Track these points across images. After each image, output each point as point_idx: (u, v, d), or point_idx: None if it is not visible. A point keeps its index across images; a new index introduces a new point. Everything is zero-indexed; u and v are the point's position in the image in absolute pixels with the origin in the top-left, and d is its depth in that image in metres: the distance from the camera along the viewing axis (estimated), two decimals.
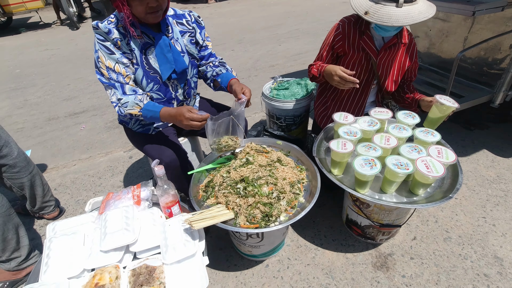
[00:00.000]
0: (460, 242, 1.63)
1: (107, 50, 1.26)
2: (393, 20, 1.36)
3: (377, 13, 1.39)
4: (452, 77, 1.93)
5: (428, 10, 1.38)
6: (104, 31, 1.24)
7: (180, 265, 1.11)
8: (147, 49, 1.33)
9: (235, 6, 8.04)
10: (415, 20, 1.36)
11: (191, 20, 1.46)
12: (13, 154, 1.62)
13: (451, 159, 1.26)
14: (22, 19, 8.07)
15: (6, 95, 3.90)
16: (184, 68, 1.43)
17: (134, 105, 1.29)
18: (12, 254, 1.47)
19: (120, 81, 1.29)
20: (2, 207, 1.40)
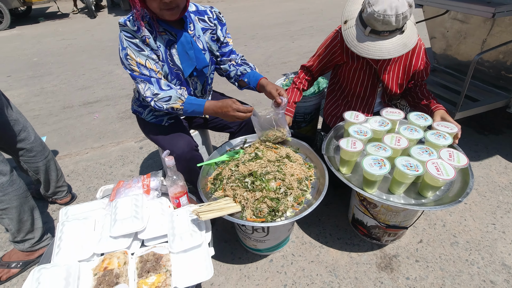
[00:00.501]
0: (468, 248, 1.61)
1: (136, 47, 1.25)
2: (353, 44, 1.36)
3: (349, 30, 1.40)
4: (467, 80, 1.89)
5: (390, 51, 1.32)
6: (133, 29, 1.22)
7: (186, 254, 1.13)
8: (170, 46, 1.33)
9: (249, 2, 8.02)
10: (369, 55, 1.34)
11: (212, 17, 1.45)
12: (30, 139, 1.67)
13: (462, 162, 1.24)
14: (41, 9, 8.24)
15: (24, 83, 4.01)
16: (205, 65, 1.44)
17: (177, 99, 1.31)
18: (26, 235, 1.53)
19: (153, 76, 1.29)
20: (19, 189, 1.45)
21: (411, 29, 1.36)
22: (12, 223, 1.46)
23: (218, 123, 1.67)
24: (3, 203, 1.40)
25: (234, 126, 1.65)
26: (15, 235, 1.50)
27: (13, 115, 1.58)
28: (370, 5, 1.26)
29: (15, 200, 1.43)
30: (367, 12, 1.28)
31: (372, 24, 1.29)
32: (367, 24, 1.32)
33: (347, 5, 1.46)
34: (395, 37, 1.33)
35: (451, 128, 1.42)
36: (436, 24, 2.60)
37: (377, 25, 1.28)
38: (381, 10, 1.22)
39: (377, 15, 1.24)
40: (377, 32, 1.31)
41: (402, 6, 1.22)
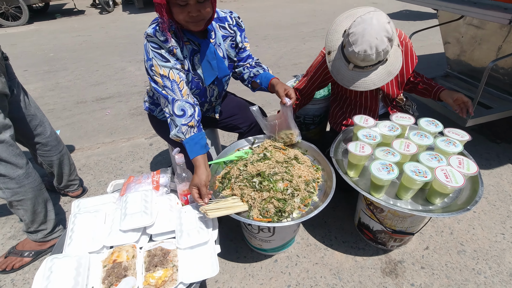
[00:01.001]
0: (475, 257, 1.59)
1: (161, 58, 1.24)
2: (338, 78, 1.39)
3: (333, 62, 1.41)
4: (481, 87, 1.86)
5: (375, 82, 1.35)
6: (161, 39, 1.22)
7: (193, 250, 1.15)
8: (194, 55, 1.34)
9: (262, 2, 8.03)
10: (355, 88, 1.36)
11: (232, 24, 1.44)
12: (47, 133, 1.73)
13: (472, 170, 1.23)
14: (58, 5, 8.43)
15: (40, 77, 4.11)
16: (226, 74, 1.46)
17: (177, 135, 1.29)
18: (39, 226, 1.58)
19: (174, 89, 1.27)
20: (34, 182, 1.50)
21: (395, 54, 1.36)
22: (27, 214, 1.51)
23: (228, 123, 1.69)
24: (19, 194, 1.45)
25: (244, 127, 1.67)
26: (29, 226, 1.55)
27: (31, 110, 1.64)
28: (350, 45, 1.27)
29: (30, 192, 1.47)
30: (348, 51, 1.29)
31: (354, 62, 1.32)
32: (349, 61, 1.33)
33: (329, 34, 1.46)
34: (378, 68, 1.35)
35: (462, 135, 1.41)
36: (450, 29, 2.57)
37: (359, 62, 1.30)
38: (361, 51, 1.24)
39: (358, 55, 1.26)
40: (361, 67, 1.33)
41: (382, 43, 1.22)
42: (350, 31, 1.27)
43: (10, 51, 4.88)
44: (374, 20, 1.22)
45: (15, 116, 1.55)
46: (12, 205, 1.48)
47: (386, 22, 1.23)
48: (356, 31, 1.25)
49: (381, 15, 1.25)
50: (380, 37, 1.22)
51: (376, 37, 1.21)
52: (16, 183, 1.42)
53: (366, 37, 1.22)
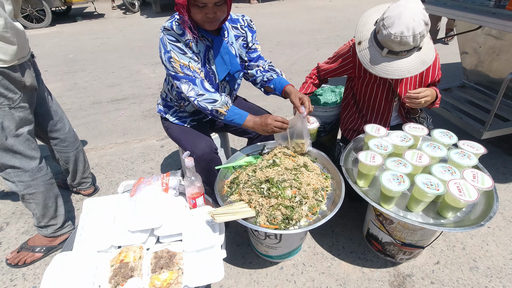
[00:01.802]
0: (488, 274, 1.54)
1: (180, 50, 1.30)
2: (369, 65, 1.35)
3: (364, 51, 1.38)
4: (499, 98, 1.81)
5: (410, 69, 1.31)
6: (178, 33, 1.28)
7: (199, 254, 1.16)
8: (208, 51, 1.40)
9: (277, 8, 8.09)
10: (387, 75, 1.33)
11: (244, 25, 1.51)
12: (65, 129, 1.80)
13: (487, 185, 1.20)
14: (79, 9, 8.72)
15: (59, 77, 4.25)
16: (238, 70, 1.49)
17: (224, 105, 1.36)
18: (50, 221, 1.62)
19: (197, 77, 1.34)
20: (46, 176, 1.55)
21: (428, 45, 1.34)
22: (38, 208, 1.55)
23: (238, 127, 1.70)
24: (31, 188, 1.49)
25: (253, 132, 1.68)
26: (39, 220, 1.60)
27: (53, 106, 1.71)
28: (385, 28, 1.25)
29: (42, 185, 1.52)
30: (383, 34, 1.27)
31: (389, 46, 1.28)
32: (383, 46, 1.31)
33: (359, 25, 1.45)
34: (412, 55, 1.31)
35: (477, 148, 1.37)
36: (468, 39, 2.52)
37: (395, 46, 1.27)
38: (397, 32, 1.21)
39: (394, 37, 1.23)
40: (395, 52, 1.30)
41: (419, 26, 1.20)
42: (385, 15, 1.26)
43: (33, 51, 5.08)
44: (411, 4, 1.21)
45: (39, 110, 1.61)
46: (24, 198, 1.53)
47: (422, 7, 1.22)
48: (392, 14, 1.23)
49: (417, 1, 1.23)
50: (417, 19, 1.19)
51: (413, 19, 1.19)
52: (29, 176, 1.47)
53: (403, 19, 1.19)
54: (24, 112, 1.40)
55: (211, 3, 1.19)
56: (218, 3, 1.21)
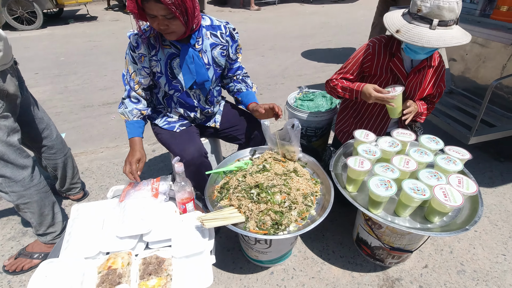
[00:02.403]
0: (475, 277, 1.56)
1: (131, 59, 1.40)
2: (424, 41, 1.33)
3: (409, 33, 1.38)
4: (484, 105, 1.86)
5: (462, 37, 1.35)
6: (133, 45, 1.36)
7: (188, 260, 1.15)
8: (173, 59, 1.41)
9: (271, 13, 8.15)
10: (447, 44, 1.32)
11: (225, 33, 1.48)
12: (53, 137, 1.76)
13: (471, 190, 1.22)
14: (71, 11, 8.65)
15: (50, 80, 4.20)
16: (205, 80, 1.48)
17: (126, 114, 1.48)
18: (48, 228, 1.60)
19: (130, 85, 1.45)
20: (40, 184, 1.51)
21: None
22: (34, 217, 1.53)
23: (228, 133, 1.71)
24: (25, 197, 1.46)
25: (243, 138, 1.69)
26: (37, 228, 1.58)
27: (38, 114, 1.67)
28: (427, 1, 1.29)
29: (36, 194, 1.49)
30: (428, 6, 1.30)
31: (439, 15, 1.30)
32: (432, 18, 1.32)
33: (388, 17, 1.49)
34: (455, 28, 1.36)
35: (463, 154, 1.40)
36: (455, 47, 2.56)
37: (445, 13, 1.29)
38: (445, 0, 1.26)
39: (443, 3, 1.27)
40: (444, 23, 1.32)
41: None
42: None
43: (23, 54, 5.02)
44: None
45: (24, 119, 1.58)
46: (19, 208, 1.50)
47: None
48: None
49: None
50: None
51: None
52: (21, 186, 1.44)
53: None
54: (9, 121, 1.36)
55: (159, 16, 1.18)
56: (167, 16, 1.19)
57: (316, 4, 9.00)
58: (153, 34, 1.36)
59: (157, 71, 1.43)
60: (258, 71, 4.36)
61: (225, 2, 9.15)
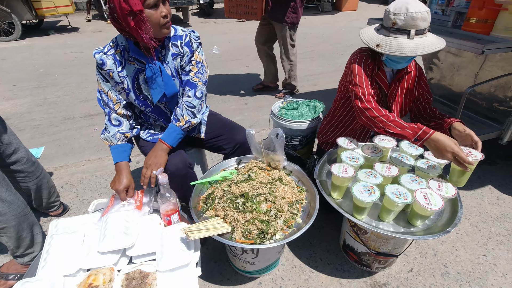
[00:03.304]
0: (458, 279, 1.60)
1: (102, 78, 1.38)
2: (407, 50, 1.39)
3: (389, 45, 1.43)
4: (460, 111, 1.94)
5: (439, 42, 1.42)
6: (98, 63, 1.34)
7: (173, 273, 1.13)
8: (139, 74, 1.39)
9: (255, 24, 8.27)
10: (428, 50, 1.39)
11: (184, 42, 1.40)
12: (22, 161, 1.66)
13: (450, 193, 1.26)
14: (52, 22, 8.50)
15: (28, 92, 4.08)
16: (174, 92, 1.44)
17: (109, 139, 1.44)
18: (26, 250, 1.53)
19: (110, 106, 1.42)
20: (17, 209, 1.43)
21: None
22: (11, 241, 1.46)
23: (213, 143, 1.70)
24: (1, 223, 1.39)
25: (228, 148, 1.68)
26: (14, 251, 1.50)
27: (5, 139, 1.57)
28: (401, 14, 1.36)
29: (12, 220, 1.42)
30: (403, 19, 1.36)
31: (414, 25, 1.36)
32: (408, 29, 1.38)
33: (365, 34, 1.53)
34: (430, 34, 1.43)
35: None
36: (431, 55, 2.69)
37: (419, 23, 1.36)
38: (416, 10, 1.33)
39: (416, 14, 1.33)
40: (421, 31, 1.38)
41: (423, 6, 1.35)
42: (391, 10, 1.39)
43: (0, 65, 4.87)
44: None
45: None
46: None
47: None
48: (397, 5, 1.37)
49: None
50: (420, 3, 1.35)
51: (416, 1, 1.35)
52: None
53: (411, 3, 1.34)
54: None
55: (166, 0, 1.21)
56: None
57: None
58: (119, 50, 1.34)
59: (124, 87, 1.40)
60: (243, 81, 4.39)
61: (209, 14, 9.24)
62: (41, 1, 6.54)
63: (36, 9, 6.62)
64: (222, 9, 10.18)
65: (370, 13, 9.09)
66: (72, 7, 7.10)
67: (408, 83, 1.65)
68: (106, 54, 1.34)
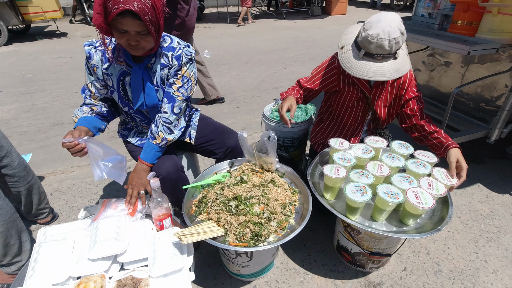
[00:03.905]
0: (451, 277, 1.61)
1: (87, 69, 1.39)
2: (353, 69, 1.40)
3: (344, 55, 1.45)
4: (448, 111, 1.98)
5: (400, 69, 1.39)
6: (86, 55, 1.34)
7: (166, 279, 1.11)
8: (125, 76, 1.37)
9: (245, 28, 8.32)
10: (365, 76, 1.38)
11: (175, 55, 1.36)
12: (14, 164, 1.63)
13: (441, 191, 1.28)
14: (39, 27, 8.38)
15: (15, 98, 4.00)
16: (154, 103, 1.41)
17: (76, 114, 1.45)
18: (13, 258, 1.48)
19: (86, 97, 1.45)
20: (6, 214, 1.40)
21: (404, 58, 1.44)
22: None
23: (205, 147, 1.69)
24: None
25: (220, 152, 1.67)
26: (1, 259, 1.46)
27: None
28: (364, 30, 1.35)
29: (0, 225, 1.38)
30: (362, 36, 1.36)
31: (366, 47, 1.36)
32: (361, 47, 1.38)
33: (344, 34, 1.54)
34: (388, 62, 1.39)
35: (431, 157, 1.47)
36: (419, 57, 2.74)
37: (371, 47, 1.34)
38: (374, 33, 1.31)
39: (371, 38, 1.31)
40: (371, 55, 1.37)
41: (395, 32, 1.30)
42: (366, 21, 1.37)
43: None
44: (389, 14, 1.32)
45: None
46: None
47: (400, 20, 1.33)
48: (372, 20, 1.34)
49: (396, 14, 1.34)
50: (394, 26, 1.29)
51: (390, 25, 1.29)
52: None
53: (381, 23, 1.30)
54: None
55: (133, 32, 1.14)
56: (142, 32, 1.15)
57: (289, 19, 9.32)
58: (110, 47, 1.33)
59: (109, 84, 1.41)
60: (235, 84, 4.39)
61: (200, 18, 9.26)
62: (28, 6, 6.45)
63: (23, 14, 6.53)
64: (213, 14, 10.23)
65: (359, 17, 9.26)
66: (61, 12, 7.02)
67: (393, 87, 1.61)
68: (96, 49, 1.34)
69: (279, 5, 10.27)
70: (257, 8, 11.34)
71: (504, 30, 1.83)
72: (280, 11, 9.98)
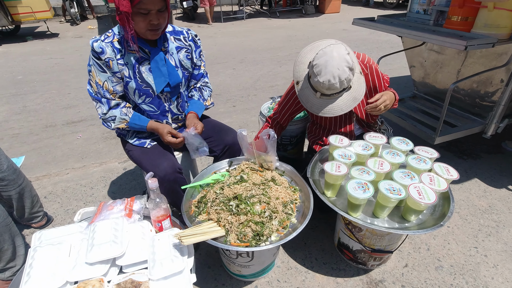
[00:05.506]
0: (452, 272, 1.61)
1: (99, 68, 1.35)
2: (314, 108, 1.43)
3: (302, 91, 1.47)
4: (445, 107, 1.98)
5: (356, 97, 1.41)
6: (97, 51, 1.32)
7: (166, 281, 1.08)
8: (141, 63, 1.39)
9: (239, 27, 8.28)
10: (327, 114, 1.42)
11: (188, 38, 1.52)
12: (2, 168, 1.59)
13: (442, 187, 1.27)
14: (30, 28, 8.24)
15: (5, 100, 3.91)
16: (178, 82, 1.49)
17: (121, 120, 1.44)
18: (7, 264, 1.44)
19: (106, 96, 1.41)
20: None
21: (357, 81, 1.43)
22: None
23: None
24: None
25: (218, 150, 1.65)
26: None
27: None
28: (315, 75, 1.35)
29: None
30: (314, 81, 1.36)
31: (321, 91, 1.39)
32: (316, 90, 1.41)
33: (295, 65, 1.53)
34: (344, 95, 1.42)
35: (431, 153, 1.47)
36: (414, 54, 2.75)
37: (325, 91, 1.37)
38: (325, 80, 1.31)
39: (323, 85, 1.33)
40: (327, 94, 1.40)
41: (343, 73, 1.31)
42: (314, 63, 1.35)
43: None
44: (335, 53, 1.30)
45: None
46: None
47: (345, 54, 1.31)
48: (319, 63, 1.32)
49: (340, 48, 1.33)
50: (341, 67, 1.30)
51: (338, 68, 1.30)
52: None
53: (328, 68, 1.30)
54: None
55: (155, 10, 1.22)
56: (161, 9, 1.25)
57: (283, 18, 9.31)
58: (117, 39, 1.35)
59: (125, 75, 1.39)
60: (230, 84, 4.36)
61: (193, 18, 9.19)
62: (18, 6, 6.33)
63: (12, 15, 6.41)
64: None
65: (352, 15, 9.29)
66: (51, 12, 6.91)
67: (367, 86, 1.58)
68: (104, 42, 1.33)
69: (273, 4, 10.27)
70: (250, 7, 11.31)
71: (500, 25, 1.84)
72: (274, 10, 9.97)
